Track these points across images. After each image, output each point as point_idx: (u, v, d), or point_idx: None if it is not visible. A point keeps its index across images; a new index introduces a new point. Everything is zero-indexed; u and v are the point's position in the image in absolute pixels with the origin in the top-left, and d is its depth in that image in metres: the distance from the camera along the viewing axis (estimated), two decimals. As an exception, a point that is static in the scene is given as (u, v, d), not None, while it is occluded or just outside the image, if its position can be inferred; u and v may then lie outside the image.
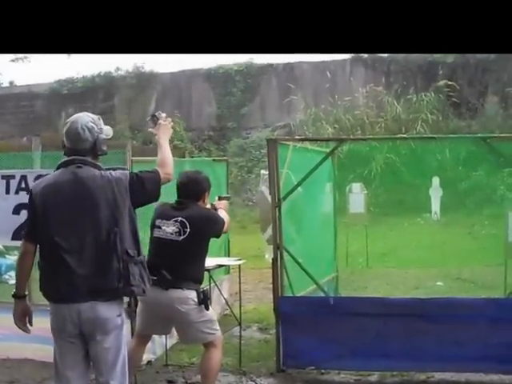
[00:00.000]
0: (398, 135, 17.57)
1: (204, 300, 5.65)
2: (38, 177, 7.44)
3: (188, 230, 5.63)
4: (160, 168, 4.60)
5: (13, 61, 26.51)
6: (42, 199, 4.37)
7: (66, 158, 4.47)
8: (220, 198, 6.34)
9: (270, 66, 24.29)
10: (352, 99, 22.08)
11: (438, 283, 10.74)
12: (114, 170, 4.54)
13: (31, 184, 7.45)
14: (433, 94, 21.52)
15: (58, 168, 4.51)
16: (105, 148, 4.54)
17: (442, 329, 6.43)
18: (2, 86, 29.00)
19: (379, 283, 10.44)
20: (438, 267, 11.71)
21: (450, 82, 21.35)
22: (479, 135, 11.75)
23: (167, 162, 4.66)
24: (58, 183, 4.42)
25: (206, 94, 24.86)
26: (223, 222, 5.87)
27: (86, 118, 4.57)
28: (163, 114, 4.82)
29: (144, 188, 4.50)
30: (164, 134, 4.78)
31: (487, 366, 6.41)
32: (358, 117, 21.67)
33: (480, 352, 6.32)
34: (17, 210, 7.54)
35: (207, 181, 6.00)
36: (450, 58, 21.85)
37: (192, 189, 5.85)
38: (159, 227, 5.74)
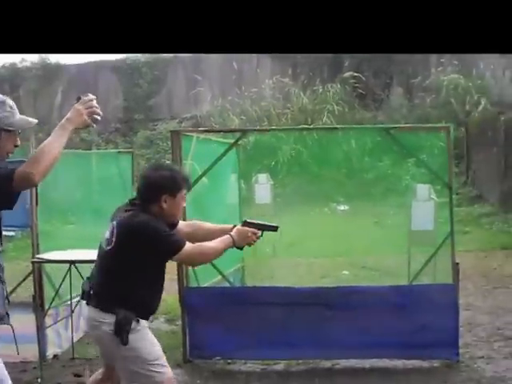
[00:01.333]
0: (304, 126, 17.70)
1: (119, 331, 4.42)
2: None
3: (114, 239, 4.45)
4: (28, 163, 3.54)
5: None
6: None
7: None
8: (247, 224, 4.72)
9: (176, 57, 24.12)
10: (259, 90, 22.21)
11: (344, 272, 10.88)
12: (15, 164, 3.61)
13: None
14: (339, 86, 21.77)
15: None
16: None
17: (346, 316, 6.54)
18: None
19: (286, 273, 10.48)
20: (344, 256, 11.87)
21: (355, 74, 21.62)
22: (383, 126, 11.98)
23: (41, 158, 3.54)
24: None
25: (112, 86, 24.56)
26: (177, 247, 4.44)
27: None
28: (91, 96, 3.78)
29: None
30: (72, 117, 3.70)
31: (391, 352, 6.57)
32: (264, 108, 21.80)
33: (384, 338, 6.46)
34: None
35: (169, 179, 4.54)
36: (355, 49, 22.16)
37: (142, 187, 4.62)
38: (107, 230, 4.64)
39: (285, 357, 6.72)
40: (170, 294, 9.51)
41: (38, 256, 6.86)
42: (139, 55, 24.57)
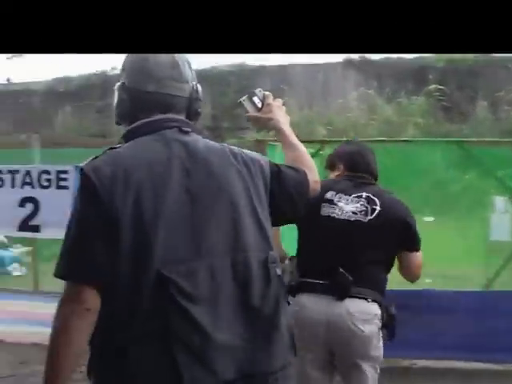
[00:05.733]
0: (391, 138, 17.88)
1: (390, 322, 3.93)
2: (42, 173, 7.93)
3: (378, 208, 3.93)
4: (310, 170, 2.78)
5: (9, 58, 26.77)
6: (128, 196, 2.28)
7: (149, 118, 2.49)
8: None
9: (263, 67, 24.53)
10: (344, 102, 22.39)
11: (427, 280, 11.11)
12: None
13: (36, 179, 7.94)
14: (423, 98, 21.87)
15: (129, 136, 2.50)
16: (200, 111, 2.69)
17: (424, 319, 6.82)
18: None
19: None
20: (427, 266, 12.01)
21: (440, 87, 21.69)
22: (467, 139, 12.18)
23: (311, 164, 2.84)
24: (155, 163, 2.36)
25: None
26: None
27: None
28: (266, 92, 3.00)
29: (288, 193, 2.64)
30: (283, 117, 2.96)
31: (465, 354, 6.81)
32: (350, 119, 21.98)
33: (460, 340, 6.71)
34: (22, 203, 7.89)
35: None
36: (440, 62, 22.23)
37: (373, 164, 4.29)
38: (332, 202, 3.93)
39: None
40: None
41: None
42: (227, 65, 25.02)
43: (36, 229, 7.87)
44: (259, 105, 2.96)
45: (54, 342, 2.29)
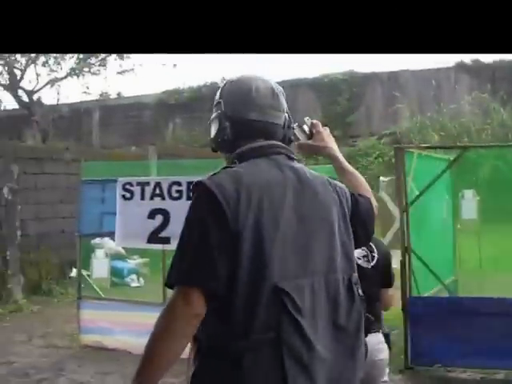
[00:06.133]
0: (506, 143, 17.51)
1: (389, 342, 4.40)
2: (172, 184, 8.00)
3: (375, 255, 4.33)
4: (368, 193, 2.95)
5: (119, 73, 27.21)
6: (249, 213, 2.41)
7: (260, 143, 2.63)
8: None
9: (375, 74, 24.40)
10: (457, 106, 22.02)
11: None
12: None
13: (166, 190, 8.01)
14: (539, 101, 21.28)
15: (242, 158, 2.60)
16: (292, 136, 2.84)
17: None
18: (110, 97, 29.85)
19: (494, 286, 10.58)
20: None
21: (556, 89, 21.08)
22: None
23: (369, 189, 3.01)
24: (273, 184, 2.52)
25: (311, 103, 24.67)
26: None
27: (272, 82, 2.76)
28: (314, 121, 3.14)
29: (363, 219, 2.80)
30: (335, 144, 3.07)
31: None
32: (464, 124, 21.60)
33: None
34: (151, 215, 8.00)
35: None
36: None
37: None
38: None
39: (505, 366, 6.87)
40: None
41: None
42: (338, 73, 24.79)
43: (166, 241, 7.90)
44: (309, 133, 3.06)
45: (153, 346, 2.35)
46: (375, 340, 4.14)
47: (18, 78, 25.46)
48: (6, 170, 13.31)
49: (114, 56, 25.29)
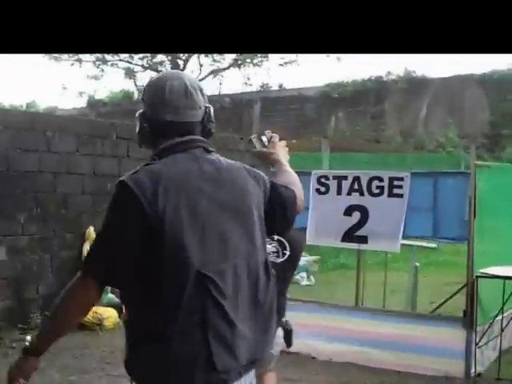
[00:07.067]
0: None
1: (290, 339, 4.72)
2: (372, 179, 7.50)
3: (287, 252, 4.42)
4: (298, 190, 3.07)
5: (281, 65, 27.57)
6: (168, 205, 2.58)
7: (180, 139, 2.78)
8: None
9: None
10: None
11: None
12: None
13: (365, 185, 7.54)
14: None
15: (162, 154, 2.75)
16: (214, 128, 2.90)
17: None
18: (272, 89, 29.66)
19: None
20: None
21: None
22: None
23: (300, 186, 3.14)
24: (189, 176, 2.70)
25: (479, 100, 23.92)
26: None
27: (191, 76, 2.96)
28: (274, 134, 3.36)
29: (282, 210, 2.97)
30: (282, 153, 3.29)
31: None
32: None
33: None
34: (348, 212, 7.58)
35: None
36: None
37: None
38: None
39: None
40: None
41: (482, 271, 6.81)
42: (506, 68, 24.06)
43: (363, 240, 7.54)
44: (266, 143, 3.31)
45: (54, 313, 2.74)
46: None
47: (181, 68, 26.05)
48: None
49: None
